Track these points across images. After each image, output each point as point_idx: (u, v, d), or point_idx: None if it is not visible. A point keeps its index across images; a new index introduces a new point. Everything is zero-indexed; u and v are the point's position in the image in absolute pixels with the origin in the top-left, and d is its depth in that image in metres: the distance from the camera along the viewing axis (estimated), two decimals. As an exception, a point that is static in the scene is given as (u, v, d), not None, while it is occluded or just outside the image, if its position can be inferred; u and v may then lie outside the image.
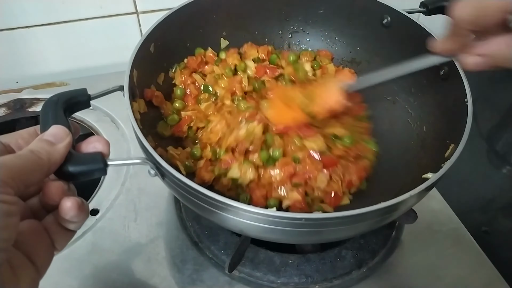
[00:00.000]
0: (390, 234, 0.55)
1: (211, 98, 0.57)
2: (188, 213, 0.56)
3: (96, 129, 0.67)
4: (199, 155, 0.51)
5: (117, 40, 0.78)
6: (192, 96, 0.57)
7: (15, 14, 0.70)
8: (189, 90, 0.58)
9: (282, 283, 0.50)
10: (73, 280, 0.50)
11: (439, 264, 0.53)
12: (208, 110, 0.56)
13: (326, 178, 0.49)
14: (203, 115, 0.56)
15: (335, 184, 0.49)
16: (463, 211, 0.58)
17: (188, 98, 0.57)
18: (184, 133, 0.55)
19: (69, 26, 0.74)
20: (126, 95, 0.44)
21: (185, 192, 0.38)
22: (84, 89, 0.42)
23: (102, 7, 0.73)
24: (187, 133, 0.55)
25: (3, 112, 0.69)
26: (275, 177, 0.49)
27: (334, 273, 0.51)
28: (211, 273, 0.51)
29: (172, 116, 0.55)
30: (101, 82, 0.75)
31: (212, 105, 0.57)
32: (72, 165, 0.33)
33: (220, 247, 0.52)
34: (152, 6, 0.76)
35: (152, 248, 0.53)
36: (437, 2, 0.56)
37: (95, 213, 0.56)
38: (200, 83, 0.58)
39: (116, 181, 0.60)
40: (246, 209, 0.35)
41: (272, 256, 0.51)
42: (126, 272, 0.51)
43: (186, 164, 0.50)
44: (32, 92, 0.73)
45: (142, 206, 0.57)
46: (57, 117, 0.36)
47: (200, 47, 0.60)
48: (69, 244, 0.52)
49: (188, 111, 0.56)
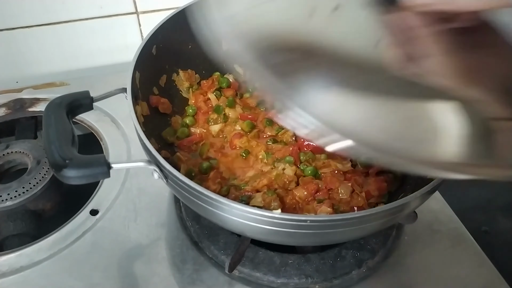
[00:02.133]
0: (390, 234, 0.55)
1: (219, 119, 0.57)
2: (188, 213, 0.56)
3: (96, 129, 0.67)
4: (208, 170, 0.51)
5: (117, 40, 0.78)
6: (201, 111, 0.58)
7: (15, 14, 0.70)
8: (199, 106, 0.58)
9: (282, 283, 0.50)
10: (73, 280, 0.50)
11: (439, 264, 0.53)
12: (219, 135, 0.56)
13: (348, 189, 0.48)
14: (218, 141, 0.56)
15: (358, 197, 0.48)
16: (463, 211, 0.58)
17: (198, 114, 0.58)
18: (193, 149, 0.55)
19: (69, 26, 0.74)
20: (129, 97, 0.44)
21: (190, 195, 0.38)
22: (87, 92, 0.42)
23: (102, 7, 0.73)
24: (198, 150, 0.55)
25: (3, 112, 0.69)
26: (299, 197, 0.48)
27: (334, 273, 0.51)
28: (211, 273, 0.51)
29: (182, 129, 0.55)
30: (101, 82, 0.76)
31: (224, 128, 0.57)
32: (74, 168, 0.33)
33: (220, 247, 0.52)
34: (152, 6, 0.76)
35: (152, 248, 0.53)
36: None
37: (95, 213, 0.56)
38: (214, 103, 0.58)
39: (116, 181, 0.60)
40: (253, 211, 0.34)
41: (272, 256, 0.51)
42: (126, 272, 0.51)
43: (190, 168, 0.50)
44: (32, 92, 0.73)
45: (142, 206, 0.57)
46: (60, 120, 0.36)
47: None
48: (69, 244, 0.53)
49: (197, 128, 0.56)
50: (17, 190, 0.57)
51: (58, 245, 0.53)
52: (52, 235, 0.54)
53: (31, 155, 0.62)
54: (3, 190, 0.57)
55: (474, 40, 0.34)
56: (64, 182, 0.34)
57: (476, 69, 0.33)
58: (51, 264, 0.51)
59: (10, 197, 0.57)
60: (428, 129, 0.33)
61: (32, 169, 0.60)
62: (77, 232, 0.54)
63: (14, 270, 0.51)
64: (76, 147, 0.38)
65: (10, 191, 0.57)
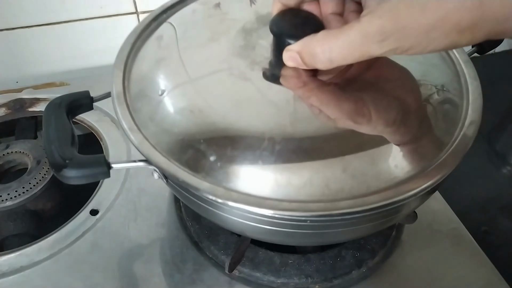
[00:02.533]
0: (390, 234, 0.55)
1: None
2: (188, 213, 0.56)
3: (96, 129, 0.67)
4: None
5: (117, 40, 0.77)
6: None
7: (15, 14, 0.70)
8: None
9: (282, 283, 0.50)
10: (73, 280, 0.50)
11: (439, 264, 0.53)
12: None
13: None
14: None
15: None
16: (463, 211, 0.58)
17: None
18: None
19: (69, 26, 0.74)
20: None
21: (190, 195, 0.38)
22: (87, 92, 0.42)
23: (102, 7, 0.73)
24: None
25: (3, 112, 0.69)
26: None
27: (334, 273, 0.51)
28: (211, 273, 0.51)
29: None
30: (101, 82, 0.75)
31: None
32: (74, 168, 0.33)
33: (220, 247, 0.52)
34: (152, 6, 0.76)
35: (152, 248, 0.53)
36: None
37: (95, 213, 0.56)
38: None
39: (116, 181, 0.60)
40: (253, 211, 0.34)
41: (272, 256, 0.51)
42: (126, 272, 0.51)
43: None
44: (32, 92, 0.73)
45: (142, 206, 0.57)
46: (60, 120, 0.36)
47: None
48: (69, 244, 0.53)
49: None
50: (17, 190, 0.57)
51: (58, 245, 0.53)
52: (52, 235, 0.54)
53: (31, 155, 0.62)
54: (3, 190, 0.57)
55: (365, 78, 0.38)
56: (64, 182, 0.34)
57: (369, 104, 0.36)
58: (51, 264, 0.51)
59: (10, 197, 0.57)
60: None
61: (32, 169, 0.60)
62: (77, 232, 0.54)
63: (14, 270, 0.51)
64: (76, 147, 0.38)
65: (10, 191, 0.57)
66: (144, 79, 0.43)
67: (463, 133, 0.38)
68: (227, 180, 0.35)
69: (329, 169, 0.35)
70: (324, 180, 0.34)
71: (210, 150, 0.35)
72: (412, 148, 0.37)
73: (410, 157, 0.36)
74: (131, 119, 0.39)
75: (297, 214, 0.33)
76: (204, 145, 0.36)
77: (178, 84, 0.41)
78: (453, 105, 0.41)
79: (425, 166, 0.36)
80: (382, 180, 0.35)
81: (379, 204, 0.33)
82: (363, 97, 0.36)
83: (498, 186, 0.72)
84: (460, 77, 0.44)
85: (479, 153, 0.76)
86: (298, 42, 0.34)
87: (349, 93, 0.37)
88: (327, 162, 0.35)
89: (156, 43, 0.46)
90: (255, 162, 0.35)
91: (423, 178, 0.35)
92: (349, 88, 0.37)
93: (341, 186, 0.34)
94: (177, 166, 0.35)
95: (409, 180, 0.35)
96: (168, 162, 0.36)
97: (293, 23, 0.37)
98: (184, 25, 0.47)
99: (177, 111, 0.39)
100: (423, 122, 0.38)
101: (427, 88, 0.40)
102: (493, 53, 0.97)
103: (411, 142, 0.37)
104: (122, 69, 0.44)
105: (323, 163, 0.35)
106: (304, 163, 0.35)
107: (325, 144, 0.36)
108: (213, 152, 0.35)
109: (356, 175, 0.35)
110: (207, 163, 0.35)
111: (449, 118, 0.40)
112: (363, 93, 0.37)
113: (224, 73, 0.40)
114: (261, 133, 0.36)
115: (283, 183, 0.34)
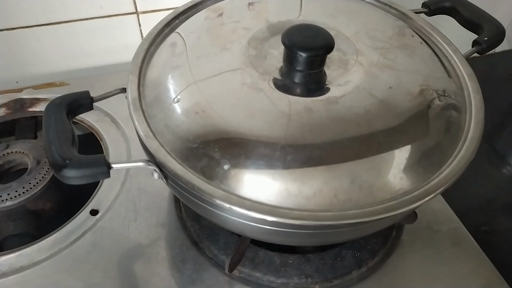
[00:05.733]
0: (390, 234, 0.55)
1: None
2: (188, 213, 0.56)
3: (96, 129, 0.67)
4: None
5: (117, 40, 0.78)
6: None
7: (15, 14, 0.70)
8: None
9: (282, 283, 0.50)
10: (73, 280, 0.50)
11: (439, 264, 0.53)
12: None
13: None
14: None
15: None
16: (463, 211, 0.58)
17: None
18: None
19: (69, 26, 0.74)
20: (129, 97, 0.44)
21: (190, 195, 0.38)
22: (87, 92, 0.42)
23: (102, 7, 0.73)
24: None
25: (3, 112, 0.69)
26: None
27: (334, 273, 0.51)
28: (211, 273, 0.51)
29: None
30: (101, 82, 0.76)
31: None
32: (74, 168, 0.33)
33: (220, 247, 0.52)
34: (152, 6, 0.76)
35: (152, 248, 0.53)
36: (440, 3, 0.56)
37: (95, 213, 0.56)
38: None
39: (116, 181, 0.60)
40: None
41: (272, 256, 0.51)
42: (126, 272, 0.51)
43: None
44: (32, 92, 0.73)
45: (142, 206, 0.57)
46: (60, 120, 0.36)
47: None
48: (69, 244, 0.53)
49: None
50: (17, 190, 0.57)
51: (58, 245, 0.53)
52: (52, 235, 0.54)
53: (31, 155, 0.62)
54: (3, 190, 0.57)
55: None
56: (64, 182, 0.34)
57: None
58: (51, 264, 0.51)
59: (10, 197, 0.57)
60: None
61: (32, 169, 0.60)
62: (77, 232, 0.54)
63: (14, 270, 0.51)
64: (76, 147, 0.38)
65: (10, 191, 0.57)
66: (158, 85, 0.43)
67: (466, 146, 0.40)
68: (240, 187, 0.36)
69: (338, 180, 0.36)
70: (333, 191, 0.35)
71: (224, 159, 0.36)
72: (417, 161, 0.38)
73: (414, 169, 0.38)
74: (147, 126, 0.39)
75: (307, 224, 0.34)
76: (218, 154, 0.37)
77: (191, 92, 0.42)
78: (455, 119, 0.42)
79: (429, 178, 0.38)
80: (388, 192, 0.36)
81: (385, 215, 0.34)
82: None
83: (498, 186, 0.72)
84: (463, 91, 0.45)
85: (479, 153, 0.76)
86: None
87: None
88: (336, 173, 0.36)
89: (170, 49, 0.47)
90: (267, 171, 0.36)
91: (427, 190, 0.37)
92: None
93: (349, 197, 0.35)
94: (192, 174, 0.36)
95: (413, 191, 0.37)
96: (184, 170, 0.36)
97: (304, 36, 0.39)
98: (196, 33, 0.48)
99: (191, 119, 0.39)
100: (427, 136, 0.40)
101: (431, 99, 0.42)
102: (493, 53, 0.97)
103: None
104: (137, 75, 0.44)
105: (333, 174, 0.36)
106: (314, 173, 0.36)
107: (335, 155, 0.37)
108: (227, 160, 0.36)
109: (363, 186, 0.36)
110: (221, 171, 0.36)
111: (451, 132, 0.41)
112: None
113: (237, 83, 0.41)
114: (273, 143, 0.37)
115: (294, 192, 0.35)
